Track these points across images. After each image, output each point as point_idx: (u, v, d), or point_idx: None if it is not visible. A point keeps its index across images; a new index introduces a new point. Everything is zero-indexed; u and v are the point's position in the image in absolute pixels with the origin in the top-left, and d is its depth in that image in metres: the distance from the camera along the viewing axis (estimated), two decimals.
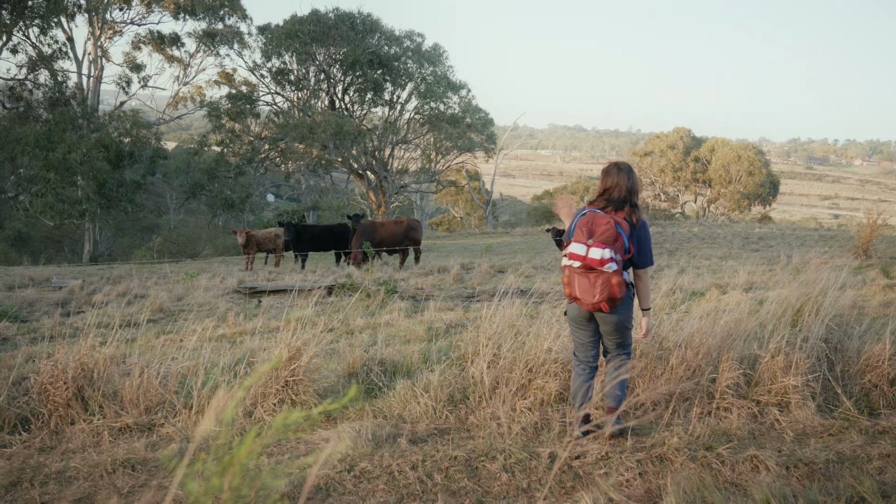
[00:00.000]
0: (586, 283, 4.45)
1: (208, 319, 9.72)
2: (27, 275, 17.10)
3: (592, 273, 4.44)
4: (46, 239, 40.77)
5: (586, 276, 4.45)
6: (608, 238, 4.41)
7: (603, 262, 4.38)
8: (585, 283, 4.45)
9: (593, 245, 4.40)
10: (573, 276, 4.51)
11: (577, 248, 4.46)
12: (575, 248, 4.46)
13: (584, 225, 4.51)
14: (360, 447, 4.41)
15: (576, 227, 4.57)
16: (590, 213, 4.57)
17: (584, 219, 4.55)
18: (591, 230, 4.47)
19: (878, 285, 11.58)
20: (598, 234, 4.43)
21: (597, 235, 4.43)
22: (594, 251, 4.39)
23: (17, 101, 29.52)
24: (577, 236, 4.50)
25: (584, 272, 4.45)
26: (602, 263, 4.38)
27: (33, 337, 8.85)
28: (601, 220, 4.50)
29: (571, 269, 4.51)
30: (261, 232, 21.12)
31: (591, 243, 4.41)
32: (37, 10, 28.82)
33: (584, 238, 4.45)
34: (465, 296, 11.81)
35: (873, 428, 4.86)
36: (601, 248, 4.39)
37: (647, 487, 3.95)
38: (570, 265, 4.51)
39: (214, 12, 35.61)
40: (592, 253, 4.39)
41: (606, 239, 4.41)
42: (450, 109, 40.82)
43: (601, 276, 4.42)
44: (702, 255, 20.96)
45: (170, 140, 73.51)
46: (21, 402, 5.01)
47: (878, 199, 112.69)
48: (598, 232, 4.44)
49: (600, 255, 4.38)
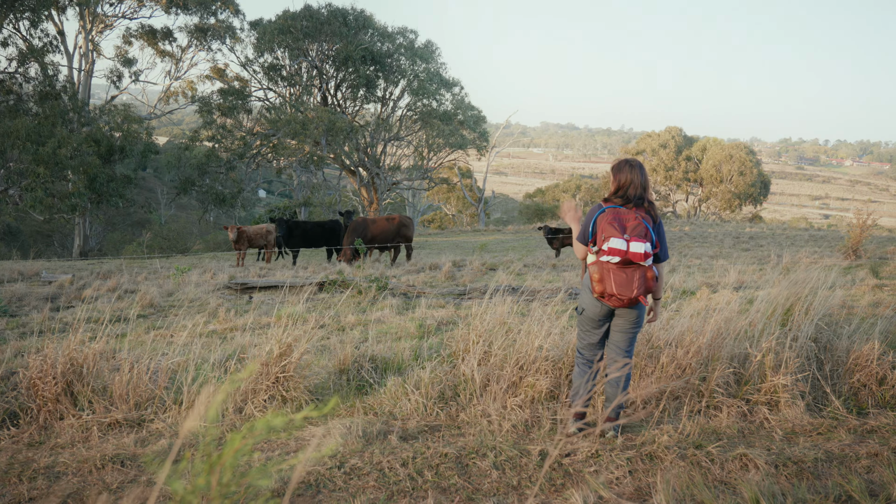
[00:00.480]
0: (623, 278, 4.36)
1: (199, 315, 9.69)
2: (16, 269, 16.99)
3: (630, 267, 4.37)
4: (36, 233, 40.58)
5: (624, 271, 4.37)
6: (640, 233, 4.35)
7: (647, 256, 4.33)
8: (622, 278, 4.36)
9: (632, 240, 4.33)
10: (608, 271, 4.39)
11: (616, 243, 4.33)
12: (615, 243, 4.33)
13: (612, 221, 4.41)
14: (350, 444, 4.40)
15: (598, 223, 4.47)
16: (610, 210, 4.48)
17: (605, 216, 4.46)
18: (623, 225, 4.39)
19: (867, 285, 11.65)
20: (630, 229, 4.36)
21: (630, 230, 4.36)
22: (636, 245, 4.31)
23: (6, 95, 29.31)
24: (609, 231, 4.37)
25: (622, 267, 4.37)
26: (646, 257, 4.32)
27: (22, 332, 8.80)
28: (627, 215, 4.43)
29: (607, 264, 4.40)
30: (252, 228, 21.07)
31: (629, 237, 4.33)
32: (27, 3, 28.63)
33: (620, 232, 4.35)
34: (456, 293, 11.80)
35: (862, 427, 4.89)
36: (641, 241, 4.32)
37: (636, 485, 3.96)
38: (606, 261, 4.39)
39: (206, 7, 35.43)
40: (634, 247, 4.31)
41: (640, 234, 4.35)
42: (442, 106, 40.75)
43: (639, 270, 4.37)
44: (693, 254, 21.02)
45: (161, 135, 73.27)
46: (10, 397, 4.98)
47: (867, 199, 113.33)
48: (630, 227, 4.37)
49: (643, 249, 4.31)
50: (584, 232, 4.62)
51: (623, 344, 4.70)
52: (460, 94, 41.59)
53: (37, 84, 29.37)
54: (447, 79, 40.57)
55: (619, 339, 4.69)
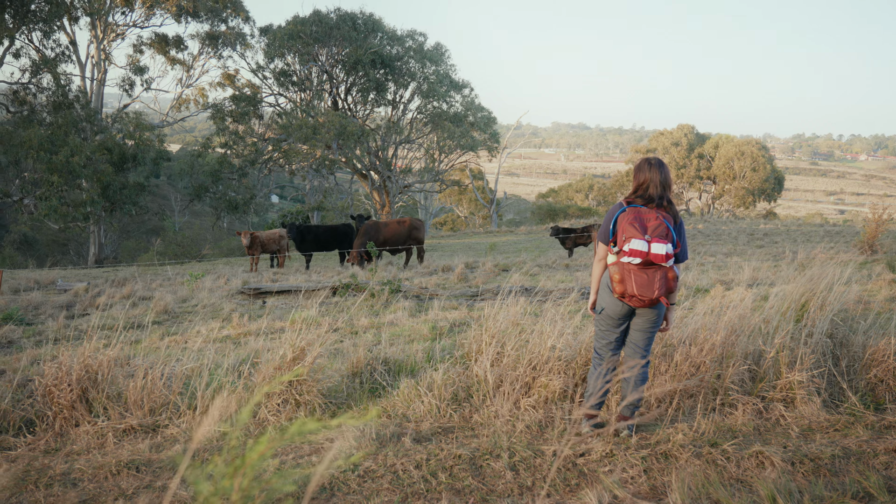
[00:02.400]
0: (644, 279, 4.33)
1: (213, 321, 9.74)
2: (32, 278, 17.14)
3: (651, 268, 4.34)
4: (52, 242, 40.89)
5: (645, 272, 4.34)
6: (662, 233, 4.32)
7: (668, 257, 4.30)
8: (644, 279, 4.33)
9: (653, 241, 4.30)
10: (629, 272, 4.36)
11: (638, 245, 4.29)
12: (636, 245, 4.30)
13: (633, 221, 4.37)
14: (364, 446, 4.40)
15: (618, 223, 4.44)
16: (631, 210, 4.44)
17: (626, 215, 4.42)
18: (644, 225, 4.35)
19: (883, 280, 11.55)
20: (651, 230, 4.33)
21: (651, 230, 4.32)
22: (657, 246, 4.28)
23: (20, 105, 29.56)
24: (630, 232, 4.33)
25: (643, 268, 4.34)
26: (667, 258, 4.30)
27: (38, 340, 8.87)
28: (648, 215, 4.39)
29: (628, 265, 4.36)
30: (265, 233, 21.16)
31: (650, 238, 4.30)
32: (39, 14, 28.85)
33: (641, 233, 4.31)
34: (469, 294, 11.80)
35: (879, 423, 4.84)
36: (663, 242, 4.29)
37: (652, 484, 3.94)
38: (627, 262, 4.36)
39: (217, 14, 35.61)
40: (656, 248, 4.28)
41: (661, 234, 4.32)
42: (452, 108, 40.75)
43: (660, 271, 4.34)
44: (707, 251, 20.93)
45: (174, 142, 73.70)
46: (26, 405, 5.02)
47: (883, 193, 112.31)
48: (651, 227, 4.33)
49: (665, 251, 4.28)
50: (605, 231, 4.57)
51: (642, 343, 4.67)
52: (470, 96, 41.60)
53: (50, 94, 29.58)
54: (457, 81, 40.57)
55: (638, 337, 4.67)
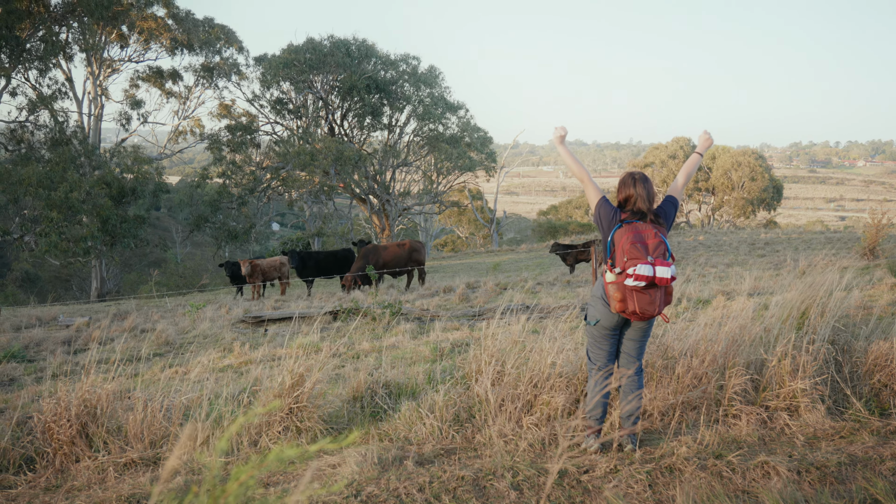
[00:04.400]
0: (647, 298, 4.28)
1: (214, 350, 9.71)
2: (34, 314, 17.13)
3: (653, 289, 4.29)
4: (55, 279, 40.94)
5: (647, 292, 4.28)
6: (662, 252, 4.26)
7: (673, 279, 4.26)
8: (646, 298, 4.28)
9: (657, 263, 4.23)
10: (630, 293, 4.28)
11: (643, 270, 4.19)
12: (642, 270, 4.19)
13: (634, 240, 4.29)
14: (366, 471, 4.36)
15: (617, 241, 4.37)
16: (629, 227, 4.36)
17: (625, 233, 4.34)
18: (645, 243, 4.28)
19: (885, 284, 11.52)
20: (652, 249, 4.26)
21: (651, 250, 4.26)
22: (662, 270, 4.22)
23: (18, 144, 29.73)
24: (633, 253, 4.24)
25: (646, 290, 4.28)
26: (672, 280, 4.26)
27: (39, 376, 8.85)
28: (647, 231, 4.33)
29: (631, 288, 4.27)
30: (265, 261, 21.19)
31: (653, 261, 4.23)
32: (35, 52, 29.10)
33: (643, 255, 4.23)
34: (470, 314, 11.77)
35: (885, 428, 4.79)
36: (666, 265, 4.23)
37: (657, 499, 3.90)
38: (633, 286, 4.25)
39: (211, 45, 35.93)
40: (661, 272, 4.21)
41: (661, 253, 4.26)
42: (448, 130, 40.91)
43: (662, 289, 4.32)
44: (708, 262, 20.89)
45: (173, 174, 73.90)
46: (25, 442, 4.99)
47: (883, 198, 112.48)
48: (652, 246, 4.27)
49: (670, 274, 4.23)
50: (605, 249, 4.53)
51: (634, 352, 4.68)
52: (466, 117, 41.78)
53: (47, 131, 29.77)
54: (452, 102, 40.76)
55: (631, 346, 4.67)
